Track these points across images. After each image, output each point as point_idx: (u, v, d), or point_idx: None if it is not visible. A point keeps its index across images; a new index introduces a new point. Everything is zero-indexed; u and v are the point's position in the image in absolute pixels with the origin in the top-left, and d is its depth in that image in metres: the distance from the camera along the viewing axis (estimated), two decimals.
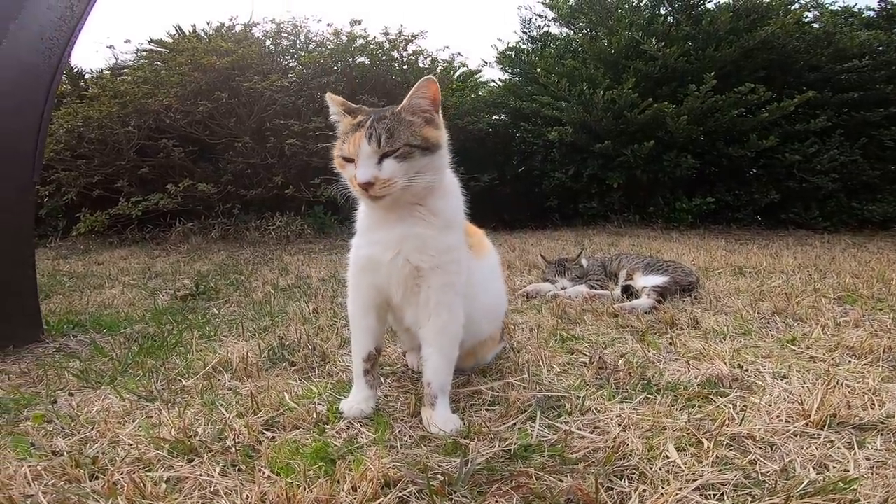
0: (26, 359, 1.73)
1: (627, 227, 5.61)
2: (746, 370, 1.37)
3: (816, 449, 0.96)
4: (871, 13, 6.15)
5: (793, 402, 1.15)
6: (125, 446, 1.05)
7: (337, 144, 1.12)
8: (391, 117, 1.05)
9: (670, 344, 1.61)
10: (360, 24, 5.59)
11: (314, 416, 1.13)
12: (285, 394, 1.25)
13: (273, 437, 1.06)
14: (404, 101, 1.07)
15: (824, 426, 1.04)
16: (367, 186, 1.02)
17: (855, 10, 6.21)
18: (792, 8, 5.66)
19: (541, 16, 6.94)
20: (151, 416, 1.19)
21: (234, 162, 5.12)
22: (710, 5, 5.87)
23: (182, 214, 5.06)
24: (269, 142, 5.02)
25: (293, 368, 1.46)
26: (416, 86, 1.05)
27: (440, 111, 1.10)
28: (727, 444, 0.98)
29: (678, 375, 1.34)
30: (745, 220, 5.74)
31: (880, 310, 2.06)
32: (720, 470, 0.90)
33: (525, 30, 7.08)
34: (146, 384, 1.38)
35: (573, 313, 2.05)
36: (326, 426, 1.10)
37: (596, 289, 2.52)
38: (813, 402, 1.11)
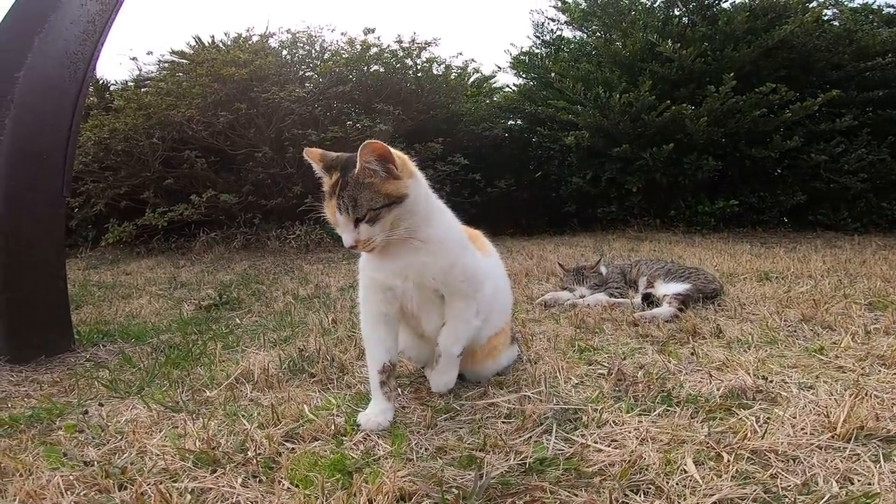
0: (58, 368, 1.80)
1: (648, 231, 5.53)
2: (771, 381, 1.34)
3: (841, 462, 0.94)
4: (891, 10, 5.99)
5: (819, 415, 1.13)
6: (152, 457, 1.08)
7: (324, 202, 1.17)
8: (352, 184, 1.10)
9: (692, 354, 1.58)
10: (373, 32, 5.65)
11: (332, 427, 1.15)
12: (305, 406, 1.28)
13: (293, 449, 1.08)
14: (356, 166, 1.09)
15: (850, 439, 1.01)
16: (352, 248, 1.14)
17: (874, 6, 6.05)
18: (810, 6, 5.54)
19: (553, 20, 6.93)
20: (177, 427, 1.23)
21: (255, 172, 5.20)
22: (725, 5, 5.79)
23: (206, 224, 5.15)
24: (288, 152, 5.08)
25: (312, 380, 1.48)
26: (359, 151, 1.08)
27: (396, 162, 1.11)
28: (748, 457, 0.97)
29: (699, 387, 1.32)
30: (771, 222, 5.61)
31: None
32: (739, 484, 0.88)
33: (538, 34, 7.07)
34: (172, 395, 1.43)
35: (592, 322, 2.04)
36: (344, 438, 1.12)
37: (615, 297, 2.48)
38: (840, 413, 1.08)
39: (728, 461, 0.94)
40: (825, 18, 5.68)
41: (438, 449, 1.06)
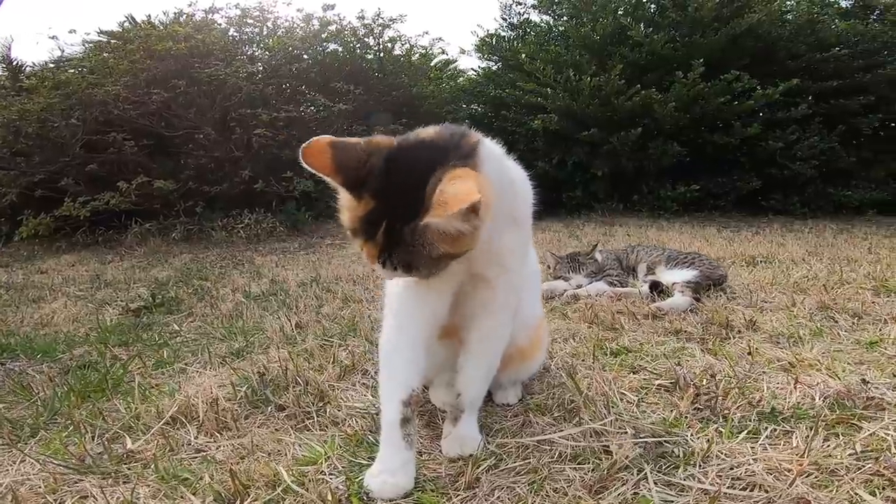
0: None
1: (613, 216, 5.47)
2: (868, 383, 1.10)
3: None
4: (848, 3, 6.15)
5: None
6: None
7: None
8: (410, 243, 0.75)
9: (748, 354, 1.33)
10: (332, 9, 5.34)
11: (329, 498, 0.77)
12: (279, 461, 0.88)
13: None
14: (425, 217, 0.71)
15: None
16: None
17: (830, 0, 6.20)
18: None
19: (519, 2, 6.71)
20: (86, 499, 0.82)
21: (196, 156, 4.69)
22: None
23: (139, 214, 4.59)
24: (235, 133, 4.61)
25: (283, 415, 1.08)
26: (438, 200, 0.70)
27: (481, 211, 0.72)
28: None
29: (790, 396, 1.05)
30: (727, 207, 5.70)
31: None
32: None
33: (505, 16, 6.85)
34: (79, 443, 1.00)
35: (606, 317, 1.76)
36: None
37: (615, 285, 2.27)
38: None
39: None
40: (786, 9, 5.77)
41: None
